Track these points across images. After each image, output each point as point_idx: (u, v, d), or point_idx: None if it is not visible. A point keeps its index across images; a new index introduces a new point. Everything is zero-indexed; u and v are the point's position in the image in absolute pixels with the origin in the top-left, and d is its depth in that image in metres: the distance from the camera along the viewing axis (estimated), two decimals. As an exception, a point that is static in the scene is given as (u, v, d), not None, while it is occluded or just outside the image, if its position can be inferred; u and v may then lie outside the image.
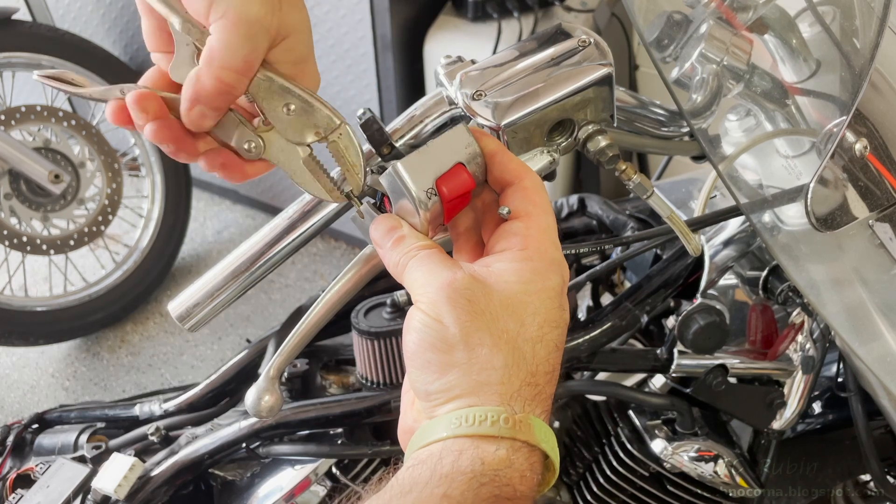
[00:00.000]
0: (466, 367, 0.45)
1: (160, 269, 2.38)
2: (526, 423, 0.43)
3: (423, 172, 0.48)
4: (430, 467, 0.42)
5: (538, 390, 0.45)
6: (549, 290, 0.47)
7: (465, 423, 0.43)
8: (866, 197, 0.59)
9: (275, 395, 0.56)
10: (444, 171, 0.49)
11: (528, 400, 0.44)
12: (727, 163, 0.70)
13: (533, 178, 0.50)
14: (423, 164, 0.49)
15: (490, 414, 0.43)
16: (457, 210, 0.51)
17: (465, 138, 0.49)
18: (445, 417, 0.44)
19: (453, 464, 0.42)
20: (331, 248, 2.57)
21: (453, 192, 0.49)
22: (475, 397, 0.44)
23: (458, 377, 0.45)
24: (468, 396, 0.44)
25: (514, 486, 0.42)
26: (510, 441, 0.43)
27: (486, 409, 0.43)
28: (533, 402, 0.45)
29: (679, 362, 0.86)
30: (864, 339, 0.65)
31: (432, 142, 0.49)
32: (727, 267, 0.85)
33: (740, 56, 0.65)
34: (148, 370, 2.22)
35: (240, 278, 0.60)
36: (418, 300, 0.47)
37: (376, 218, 0.52)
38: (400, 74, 1.92)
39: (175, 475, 0.89)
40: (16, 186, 2.02)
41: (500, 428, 0.42)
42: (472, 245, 0.53)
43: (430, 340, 0.46)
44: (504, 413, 0.43)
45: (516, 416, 0.43)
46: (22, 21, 2.04)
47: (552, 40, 0.55)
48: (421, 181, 0.48)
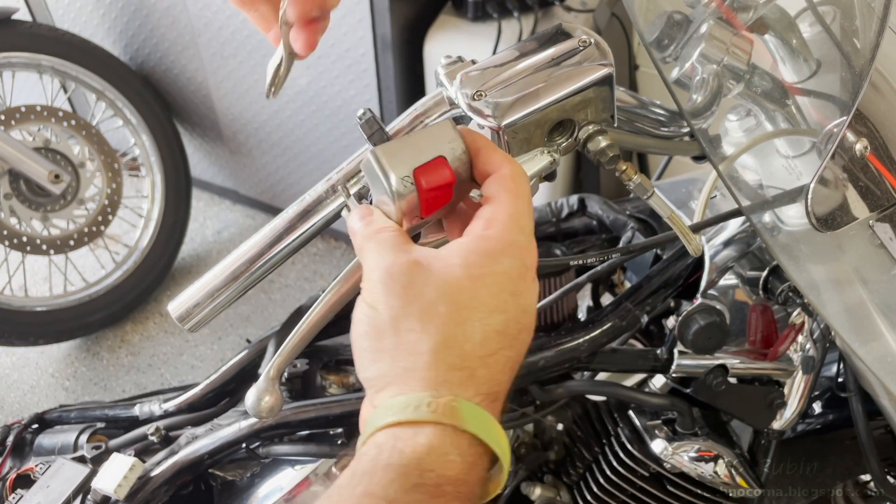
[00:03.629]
0: (394, 352, 0.44)
1: (160, 269, 2.38)
2: (450, 407, 0.42)
3: (402, 160, 0.48)
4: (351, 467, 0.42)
5: (469, 374, 0.44)
6: (498, 274, 0.45)
7: (392, 412, 0.42)
8: (866, 197, 0.59)
9: (275, 396, 0.56)
10: (424, 161, 0.48)
11: (457, 384, 0.43)
12: (727, 163, 0.70)
13: (512, 166, 0.49)
14: (403, 151, 0.48)
15: (413, 400, 0.42)
16: (437, 205, 0.50)
17: (450, 134, 0.49)
18: (377, 411, 0.44)
19: (374, 458, 0.41)
20: (331, 248, 2.57)
21: (431, 183, 0.48)
22: (402, 384, 0.43)
23: (388, 364, 0.44)
24: (396, 384, 0.44)
25: (438, 471, 0.41)
26: (433, 426, 0.42)
27: (408, 397, 0.42)
28: (462, 386, 0.43)
29: (679, 362, 0.86)
30: (864, 339, 0.65)
31: (416, 132, 0.49)
32: (727, 267, 0.85)
33: (740, 56, 0.65)
34: (148, 370, 2.22)
35: (240, 278, 0.60)
36: (363, 287, 0.47)
37: (354, 207, 0.52)
38: (400, 74, 1.92)
39: (175, 475, 0.89)
40: (16, 186, 2.02)
41: (422, 412, 0.42)
42: None
43: (365, 328, 0.46)
44: (427, 398, 0.42)
45: (440, 400, 0.42)
46: (22, 21, 2.04)
47: (552, 40, 0.55)
48: (398, 168, 0.48)
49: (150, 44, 2.32)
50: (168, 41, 2.27)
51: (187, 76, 2.34)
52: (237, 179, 2.61)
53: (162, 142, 2.33)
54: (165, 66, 2.36)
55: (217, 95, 2.32)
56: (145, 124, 2.29)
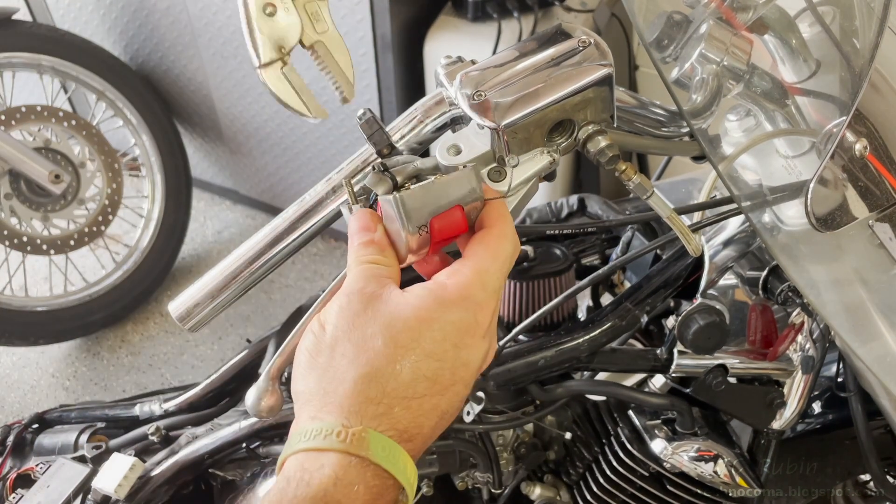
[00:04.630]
0: (322, 372, 0.45)
1: (160, 269, 2.38)
2: (359, 437, 0.42)
3: (422, 209, 0.49)
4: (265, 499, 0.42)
5: (384, 410, 0.44)
6: (446, 323, 0.46)
7: (304, 439, 0.43)
8: (866, 197, 0.59)
9: (275, 396, 0.56)
10: (442, 210, 0.49)
11: (370, 417, 0.43)
12: (727, 163, 0.70)
13: (503, 228, 0.50)
14: (425, 199, 0.49)
15: (325, 428, 0.43)
16: (444, 245, 0.51)
17: (473, 183, 0.50)
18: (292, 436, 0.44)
19: (282, 491, 0.42)
20: (331, 248, 2.57)
21: (444, 233, 0.49)
22: (319, 407, 0.44)
23: (314, 383, 0.45)
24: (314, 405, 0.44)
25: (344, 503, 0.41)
26: (341, 455, 0.42)
27: (322, 423, 0.43)
28: (376, 419, 0.43)
29: (679, 362, 0.86)
30: (864, 339, 0.65)
31: (439, 179, 0.49)
32: (727, 267, 0.85)
33: (740, 56, 0.65)
34: (148, 370, 2.22)
35: (240, 278, 0.60)
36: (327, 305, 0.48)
37: (358, 210, 0.52)
38: (400, 74, 1.92)
39: (175, 475, 0.89)
40: (16, 186, 2.03)
41: (332, 441, 0.42)
42: None
43: (308, 342, 0.47)
44: (338, 427, 0.42)
45: (350, 430, 0.42)
46: (22, 21, 2.04)
47: (552, 40, 0.55)
48: (417, 217, 0.49)
49: (150, 44, 2.32)
50: (168, 41, 2.27)
51: (187, 76, 2.34)
52: (237, 179, 2.61)
53: (162, 142, 2.33)
54: (165, 66, 2.36)
55: (217, 95, 2.32)
56: (145, 124, 2.29)
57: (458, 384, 0.47)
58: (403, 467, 0.44)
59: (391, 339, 0.45)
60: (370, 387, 0.44)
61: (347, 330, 0.46)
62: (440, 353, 0.46)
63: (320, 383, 0.45)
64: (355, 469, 0.42)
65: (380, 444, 0.43)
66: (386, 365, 0.44)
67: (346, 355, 0.45)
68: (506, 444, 0.95)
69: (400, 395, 0.44)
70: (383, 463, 0.43)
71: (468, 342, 0.47)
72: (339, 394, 0.44)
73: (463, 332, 0.46)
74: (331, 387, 0.44)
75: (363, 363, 0.44)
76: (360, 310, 0.46)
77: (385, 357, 0.44)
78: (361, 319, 0.46)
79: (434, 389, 0.45)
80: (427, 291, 0.47)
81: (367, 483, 0.42)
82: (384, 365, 0.44)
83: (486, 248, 0.49)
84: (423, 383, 0.45)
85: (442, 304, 0.46)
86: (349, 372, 0.44)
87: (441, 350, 0.46)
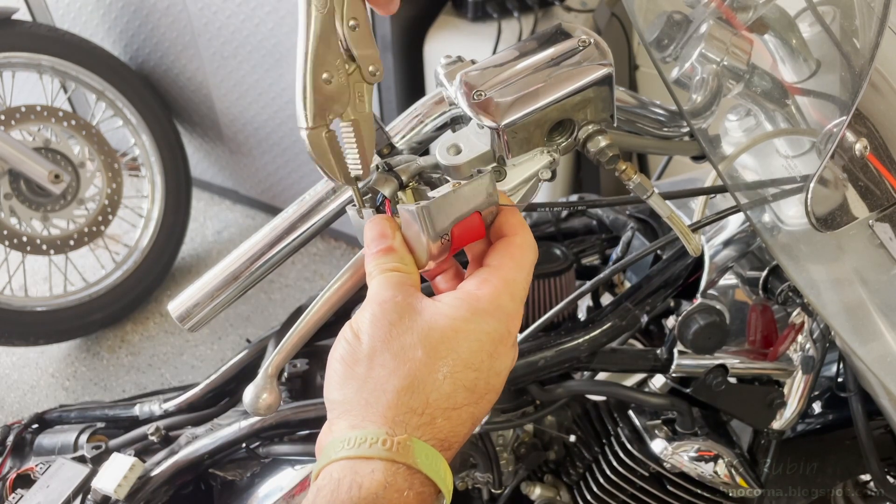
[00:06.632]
0: (362, 383, 0.46)
1: (160, 269, 2.38)
2: (405, 446, 0.43)
3: (446, 218, 0.49)
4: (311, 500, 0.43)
5: (427, 420, 0.45)
6: (481, 333, 0.47)
7: (347, 447, 0.44)
8: (866, 197, 0.59)
9: (273, 393, 0.56)
10: (463, 218, 0.50)
11: (414, 427, 0.44)
12: (727, 163, 0.70)
13: (525, 237, 0.51)
14: (448, 208, 0.49)
15: (370, 436, 0.44)
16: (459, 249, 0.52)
17: (489, 188, 0.50)
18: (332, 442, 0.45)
19: (333, 492, 0.43)
20: (331, 248, 2.57)
21: (463, 239, 0.50)
22: (361, 416, 0.45)
23: (354, 391, 0.46)
24: (354, 414, 0.45)
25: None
26: (387, 462, 0.43)
27: (365, 432, 0.44)
28: (419, 430, 0.45)
29: (679, 362, 0.86)
30: (864, 339, 0.65)
31: (460, 188, 0.49)
32: (727, 267, 0.85)
33: (740, 56, 0.65)
34: (148, 370, 2.22)
35: (240, 278, 0.60)
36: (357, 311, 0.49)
37: (374, 217, 0.52)
38: (400, 74, 1.92)
39: (175, 475, 0.89)
40: (16, 186, 2.03)
41: (378, 450, 0.43)
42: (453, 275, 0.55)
43: (342, 352, 0.47)
44: (382, 436, 0.43)
45: (395, 439, 0.43)
46: (22, 21, 2.04)
47: (552, 40, 0.55)
48: (441, 226, 0.49)
49: (150, 44, 2.32)
50: (168, 41, 2.27)
51: (187, 76, 2.34)
52: (237, 179, 2.61)
53: (162, 142, 2.33)
54: (165, 66, 2.36)
55: (217, 95, 2.32)
56: (145, 124, 2.29)
57: (491, 392, 0.48)
58: (444, 475, 0.45)
59: (431, 349, 0.45)
60: (413, 398, 0.45)
61: (385, 340, 0.46)
62: (477, 362, 0.46)
63: (360, 393, 0.46)
64: (402, 476, 0.43)
65: (423, 452, 0.44)
66: (427, 375, 0.45)
67: (386, 366, 0.45)
68: (506, 445, 0.95)
69: (442, 405, 0.45)
70: (427, 471, 0.44)
71: (501, 351, 0.48)
72: (381, 404, 0.45)
73: (496, 342, 0.47)
74: (372, 397, 0.45)
75: (405, 374, 0.45)
76: (395, 319, 0.46)
77: (426, 367, 0.45)
78: (398, 329, 0.46)
79: (471, 399, 0.47)
80: (459, 301, 0.47)
81: (415, 489, 0.43)
82: (426, 375, 0.45)
83: (511, 258, 0.50)
84: (462, 393, 0.46)
85: (476, 313, 0.47)
86: (390, 382, 0.45)
87: (478, 360, 0.46)
